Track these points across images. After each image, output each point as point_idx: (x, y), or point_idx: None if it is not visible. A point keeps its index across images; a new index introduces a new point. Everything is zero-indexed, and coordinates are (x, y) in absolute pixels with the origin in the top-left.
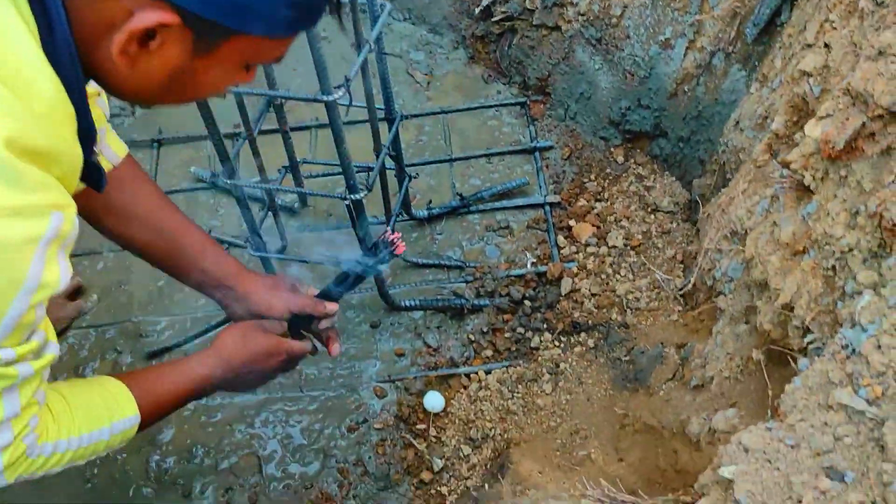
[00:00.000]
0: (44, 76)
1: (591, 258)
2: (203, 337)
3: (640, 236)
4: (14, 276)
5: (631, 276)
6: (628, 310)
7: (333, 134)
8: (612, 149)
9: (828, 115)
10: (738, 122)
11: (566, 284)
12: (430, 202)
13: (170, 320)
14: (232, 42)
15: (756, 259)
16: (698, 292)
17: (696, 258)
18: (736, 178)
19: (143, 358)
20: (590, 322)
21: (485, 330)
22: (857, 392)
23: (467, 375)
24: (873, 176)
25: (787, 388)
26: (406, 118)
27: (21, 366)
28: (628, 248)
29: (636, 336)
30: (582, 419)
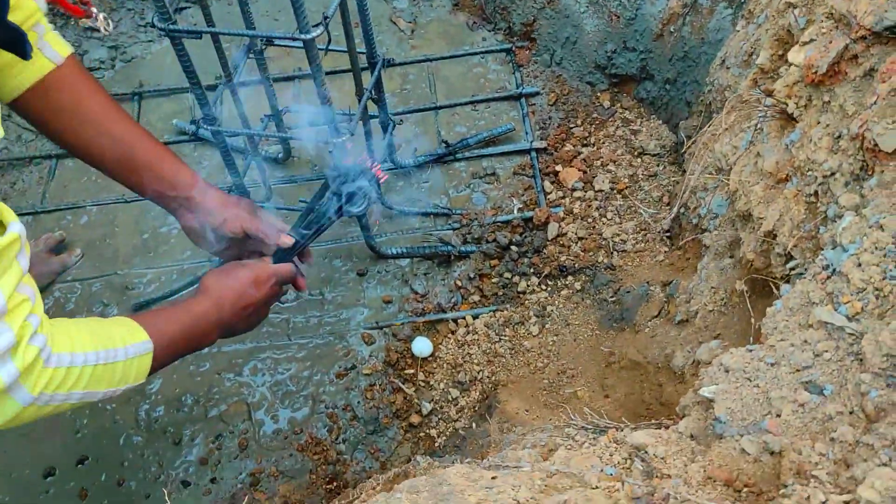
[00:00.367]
0: None
1: (578, 202)
2: (190, 288)
3: (626, 180)
4: None
5: (617, 219)
6: (615, 252)
7: (312, 74)
8: (599, 93)
9: (811, 41)
10: (724, 61)
11: (553, 229)
12: (416, 150)
13: (155, 272)
14: None
15: (740, 191)
16: (684, 231)
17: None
18: (720, 115)
19: (130, 310)
20: (576, 265)
21: (472, 276)
22: (836, 309)
23: (455, 320)
24: (856, 99)
25: (769, 311)
26: (390, 64)
27: None
28: (615, 191)
29: (622, 277)
30: (568, 359)
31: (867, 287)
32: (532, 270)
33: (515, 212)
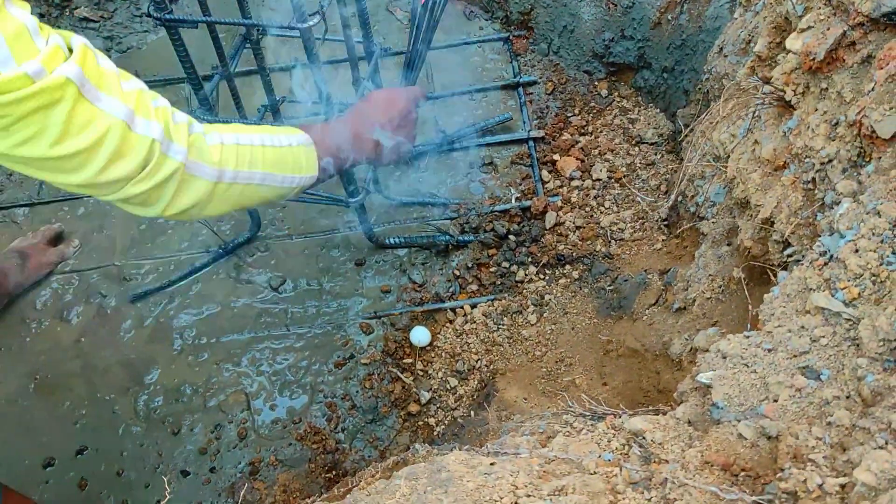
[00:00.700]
0: None
1: (576, 191)
2: (188, 279)
3: (624, 168)
4: None
5: (615, 208)
6: (612, 241)
7: (309, 62)
8: (596, 82)
9: (809, 28)
10: (721, 49)
11: (550, 218)
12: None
13: (152, 263)
14: None
15: (738, 178)
16: (681, 220)
17: (679, 185)
18: (718, 103)
19: (127, 301)
20: (574, 254)
21: (470, 265)
22: (833, 295)
23: (453, 310)
24: (853, 86)
25: (766, 297)
26: (388, 54)
27: (63, 67)
28: (612, 180)
29: (620, 266)
30: (567, 348)
31: (864, 273)
32: (530, 259)
33: (513, 201)
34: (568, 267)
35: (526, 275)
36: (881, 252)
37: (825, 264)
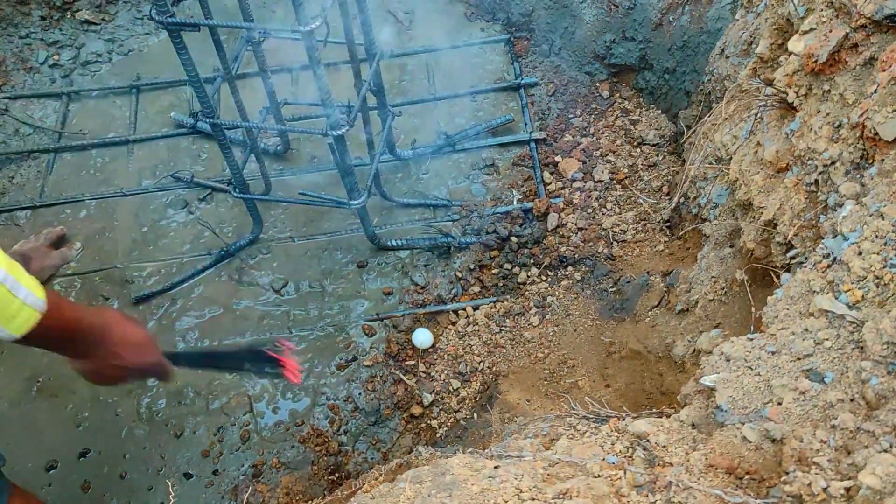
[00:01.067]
0: None
1: (577, 193)
2: (190, 281)
3: (626, 170)
4: None
5: (617, 210)
6: (614, 242)
7: (311, 65)
8: (598, 83)
9: (811, 30)
10: (723, 50)
11: (552, 220)
12: (415, 141)
13: (154, 266)
14: None
15: (740, 180)
16: (684, 221)
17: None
18: (720, 104)
19: (130, 303)
20: (576, 256)
21: (472, 267)
22: (837, 297)
23: (455, 312)
24: (856, 88)
25: (769, 299)
26: (389, 56)
27: None
28: (614, 181)
29: (622, 267)
30: (569, 350)
31: (868, 275)
32: (532, 261)
33: (515, 203)
34: (570, 268)
35: (528, 276)
36: (885, 254)
37: (828, 267)
